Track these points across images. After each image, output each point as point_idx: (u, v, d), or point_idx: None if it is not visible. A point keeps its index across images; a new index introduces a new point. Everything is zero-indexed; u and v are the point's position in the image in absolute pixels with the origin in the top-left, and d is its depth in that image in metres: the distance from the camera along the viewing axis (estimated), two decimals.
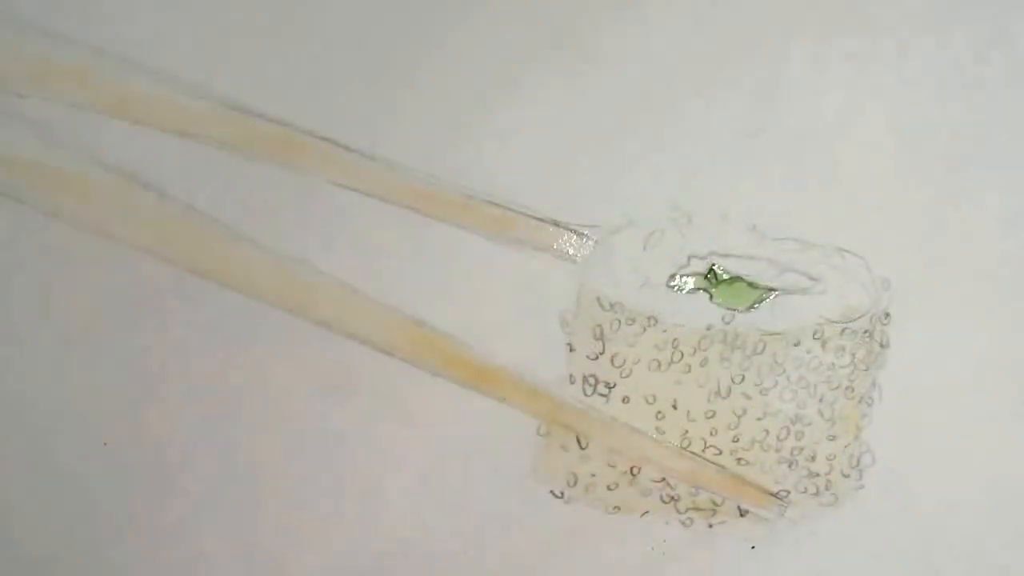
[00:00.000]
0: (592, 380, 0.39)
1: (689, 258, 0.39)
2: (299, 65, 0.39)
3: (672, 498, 0.40)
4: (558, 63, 0.39)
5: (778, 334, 0.39)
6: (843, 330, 0.39)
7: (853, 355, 0.39)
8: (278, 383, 0.39)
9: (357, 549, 0.40)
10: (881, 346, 0.40)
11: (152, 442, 0.40)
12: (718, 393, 0.39)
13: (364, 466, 0.40)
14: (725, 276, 0.40)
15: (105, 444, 0.40)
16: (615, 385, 0.39)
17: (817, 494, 0.40)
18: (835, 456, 0.40)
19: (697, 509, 0.40)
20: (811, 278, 0.40)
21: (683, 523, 0.40)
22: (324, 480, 0.40)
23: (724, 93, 0.39)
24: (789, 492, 0.40)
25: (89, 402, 0.40)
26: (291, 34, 0.39)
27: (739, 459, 0.40)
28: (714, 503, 0.40)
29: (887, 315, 0.40)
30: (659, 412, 0.40)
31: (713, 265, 0.40)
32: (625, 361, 0.39)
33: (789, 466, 0.40)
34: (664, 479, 0.40)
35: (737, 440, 0.40)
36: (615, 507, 0.40)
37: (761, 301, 0.39)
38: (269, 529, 0.40)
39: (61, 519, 0.40)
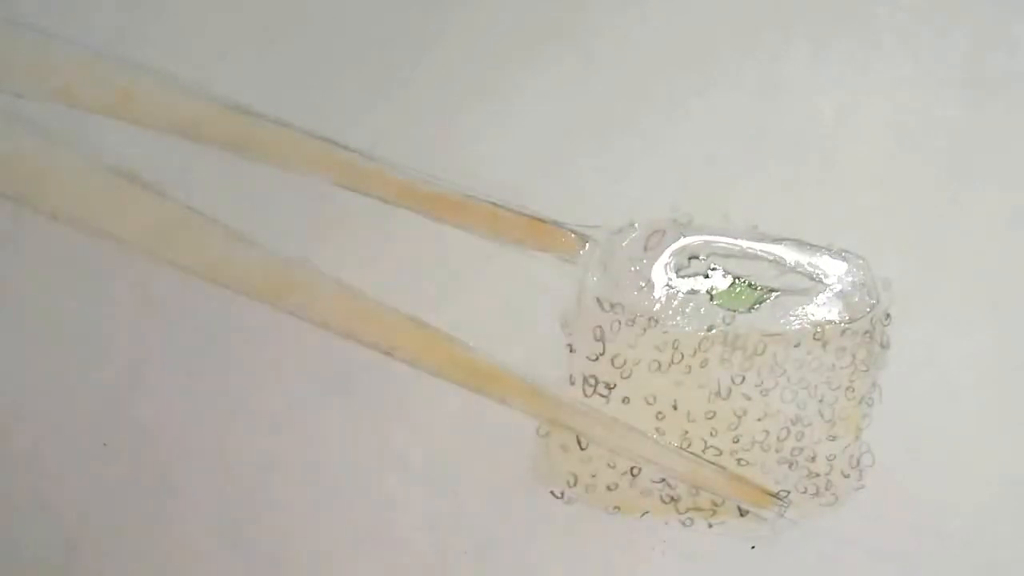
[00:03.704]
0: (592, 381, 0.39)
1: (690, 259, 0.39)
2: (299, 65, 0.39)
3: (672, 498, 0.40)
4: (558, 64, 0.39)
5: (778, 335, 0.39)
6: (843, 331, 0.40)
7: (853, 356, 0.39)
8: (278, 383, 0.39)
9: (357, 549, 0.40)
10: (881, 346, 0.40)
11: (152, 442, 0.40)
12: (718, 394, 0.39)
13: (364, 466, 0.40)
14: (726, 277, 0.40)
15: (105, 444, 0.40)
16: (615, 386, 0.39)
17: (817, 494, 0.40)
18: (835, 456, 0.40)
19: (697, 509, 0.40)
20: (812, 279, 0.40)
21: (683, 523, 0.40)
22: (324, 480, 0.40)
23: (724, 93, 0.39)
24: (789, 492, 0.40)
25: (89, 402, 0.40)
26: (291, 34, 0.39)
27: (739, 460, 0.40)
28: (714, 503, 0.40)
29: (887, 315, 0.40)
30: (659, 413, 0.40)
31: (714, 266, 0.40)
32: (625, 362, 0.39)
33: (789, 466, 0.40)
34: (664, 479, 0.40)
35: (737, 441, 0.40)
36: (615, 507, 0.40)
37: (761, 302, 0.39)
38: (269, 529, 0.40)
39: (61, 519, 0.40)
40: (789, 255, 0.40)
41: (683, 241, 0.39)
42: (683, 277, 0.39)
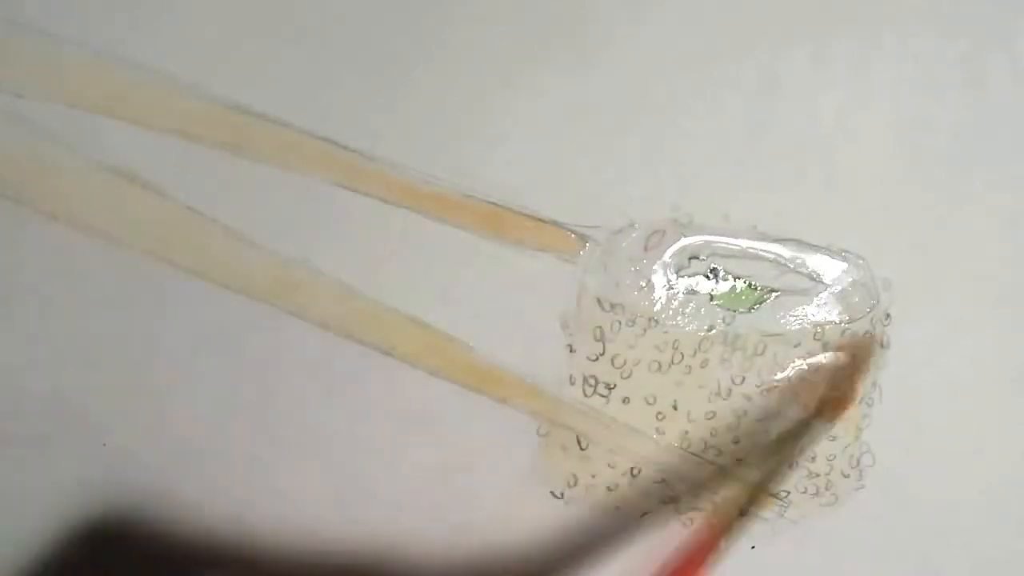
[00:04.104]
0: (592, 381, 0.39)
1: (690, 259, 0.39)
2: (299, 65, 0.39)
3: (672, 498, 0.40)
4: (558, 63, 0.39)
5: (779, 335, 0.39)
6: (843, 331, 0.40)
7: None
8: (278, 383, 0.39)
9: (356, 550, 0.40)
10: (881, 346, 0.40)
11: (151, 443, 0.40)
12: (718, 394, 0.39)
13: (363, 466, 0.40)
14: (726, 277, 0.40)
15: (104, 444, 0.40)
16: (615, 386, 0.39)
17: (817, 494, 0.40)
18: (835, 456, 0.40)
19: (697, 509, 0.40)
20: (812, 279, 0.40)
21: (683, 523, 0.40)
22: (323, 480, 0.40)
23: (723, 93, 0.39)
24: (789, 492, 0.40)
25: (89, 402, 0.40)
26: (291, 34, 0.39)
27: (739, 460, 0.40)
28: (714, 503, 0.40)
29: (887, 315, 0.40)
30: (659, 413, 0.40)
31: (714, 266, 0.40)
32: (625, 362, 0.39)
33: (789, 466, 0.40)
34: (664, 480, 0.40)
35: (737, 441, 0.40)
36: (615, 508, 0.40)
37: (761, 302, 0.39)
38: (268, 530, 0.40)
39: (61, 520, 0.40)
40: (789, 255, 0.40)
41: (683, 241, 0.39)
42: (683, 277, 0.39)
